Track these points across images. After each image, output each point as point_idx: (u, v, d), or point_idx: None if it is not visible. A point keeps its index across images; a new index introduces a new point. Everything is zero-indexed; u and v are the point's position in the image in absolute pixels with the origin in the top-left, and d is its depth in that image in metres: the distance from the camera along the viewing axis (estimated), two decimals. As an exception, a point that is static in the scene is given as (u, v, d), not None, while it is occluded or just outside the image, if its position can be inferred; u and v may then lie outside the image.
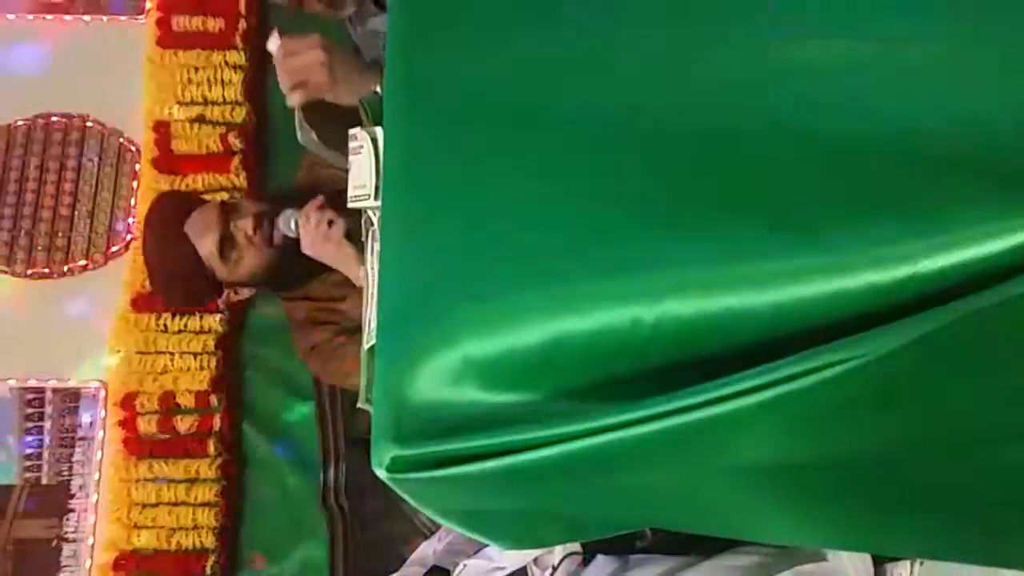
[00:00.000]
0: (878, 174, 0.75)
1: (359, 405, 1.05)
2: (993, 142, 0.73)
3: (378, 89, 1.09)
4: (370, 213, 1.07)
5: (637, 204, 0.77)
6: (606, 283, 0.75)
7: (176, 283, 1.73)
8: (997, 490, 0.80)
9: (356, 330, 1.59)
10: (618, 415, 0.72)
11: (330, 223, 1.53)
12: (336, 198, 1.66)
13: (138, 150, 2.34)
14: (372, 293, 1.02)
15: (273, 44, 1.34)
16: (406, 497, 0.84)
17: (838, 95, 0.79)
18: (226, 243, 1.62)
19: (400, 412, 0.77)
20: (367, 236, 1.10)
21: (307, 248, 1.55)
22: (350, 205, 1.07)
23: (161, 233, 1.70)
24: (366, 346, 1.00)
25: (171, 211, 1.71)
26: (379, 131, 1.02)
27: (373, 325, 0.89)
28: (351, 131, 1.07)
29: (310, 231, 1.53)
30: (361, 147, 1.05)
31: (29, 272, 2.30)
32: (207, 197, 2.16)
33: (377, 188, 1.01)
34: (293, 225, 1.58)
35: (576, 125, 0.83)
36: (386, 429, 0.77)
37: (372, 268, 1.03)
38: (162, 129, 2.27)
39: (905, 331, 0.68)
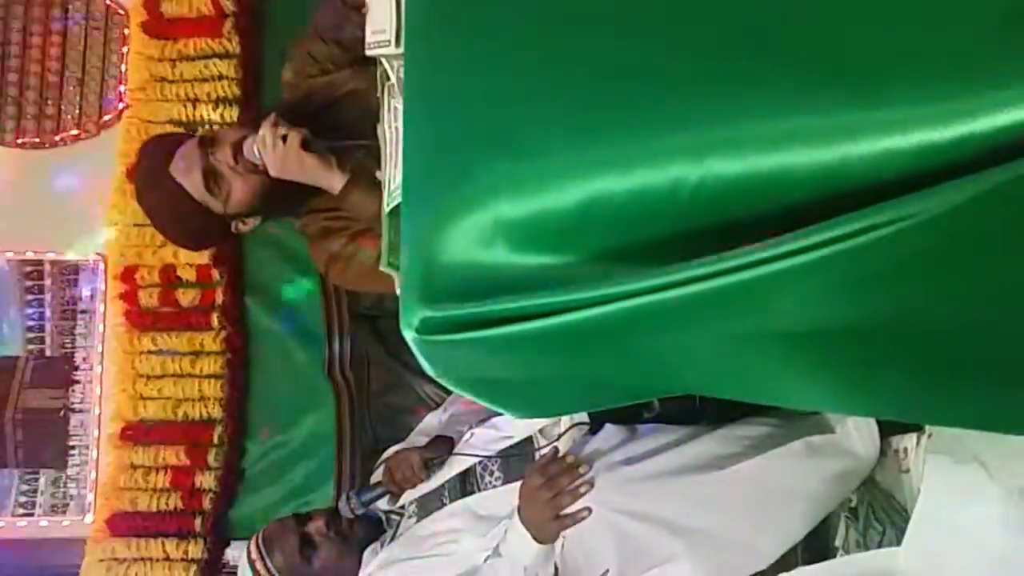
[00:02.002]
0: (937, 27, 0.70)
1: (380, 268, 1.03)
2: None
3: None
4: (386, 65, 1.00)
5: (682, 55, 0.73)
6: (647, 140, 0.71)
7: (179, 227, 1.65)
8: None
9: (369, 231, 1.55)
10: (656, 278, 0.70)
11: (284, 138, 1.45)
12: (307, 101, 1.59)
13: (126, 13, 2.23)
14: (391, 152, 0.98)
15: None
16: (425, 363, 0.83)
17: None
18: (210, 177, 1.54)
19: (430, 273, 0.74)
20: (382, 91, 1.04)
21: (272, 170, 1.47)
22: (368, 53, 0.99)
23: (150, 181, 1.62)
24: (387, 207, 0.97)
25: (155, 157, 1.61)
26: None
27: (396, 184, 0.85)
28: None
29: (268, 152, 1.46)
30: (379, -13, 0.97)
31: (20, 142, 2.23)
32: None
33: (398, 33, 0.93)
34: (256, 151, 1.50)
35: None
36: (416, 289, 0.74)
37: (390, 126, 0.98)
38: (151, -10, 2.16)
39: (958, 191, 0.65)
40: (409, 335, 0.75)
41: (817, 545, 1.56)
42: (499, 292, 0.73)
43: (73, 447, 2.20)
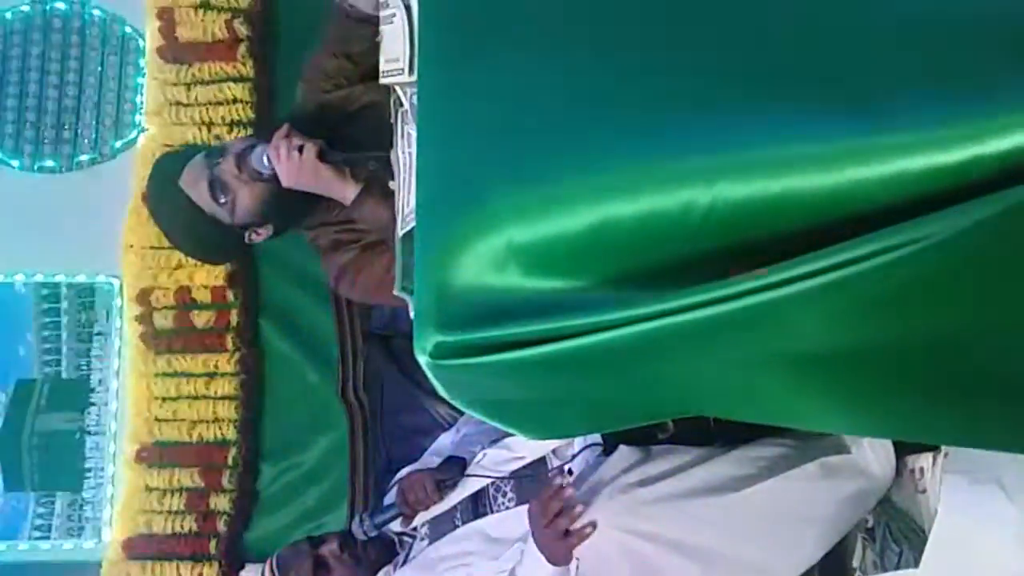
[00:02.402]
0: (942, 52, 0.71)
1: (394, 292, 1.03)
2: None
3: None
4: (400, 92, 1.01)
5: (692, 81, 0.73)
6: (658, 164, 0.71)
7: (194, 240, 1.68)
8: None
9: (380, 244, 1.56)
10: (667, 302, 0.70)
11: (300, 149, 1.46)
12: (322, 116, 1.60)
13: (143, 38, 2.26)
14: (405, 178, 0.98)
15: None
16: (439, 387, 0.83)
17: None
18: (215, 187, 1.55)
19: (443, 297, 0.75)
20: (396, 118, 1.05)
21: (286, 182, 1.49)
22: (382, 81, 1.01)
23: (161, 196, 1.65)
24: (401, 232, 0.97)
25: (166, 173, 1.65)
26: None
27: (409, 209, 0.86)
28: None
29: (283, 163, 1.47)
30: (394, 15, 0.97)
31: (37, 166, 2.26)
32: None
33: (411, 62, 0.94)
34: (266, 161, 1.51)
35: None
36: (429, 315, 0.75)
37: (403, 152, 0.99)
38: (166, 16, 2.18)
39: (965, 215, 0.66)
40: (423, 359, 0.75)
41: (834, 567, 1.54)
42: (511, 316, 0.73)
43: (89, 469, 2.21)
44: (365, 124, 1.57)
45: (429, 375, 0.80)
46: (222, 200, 1.56)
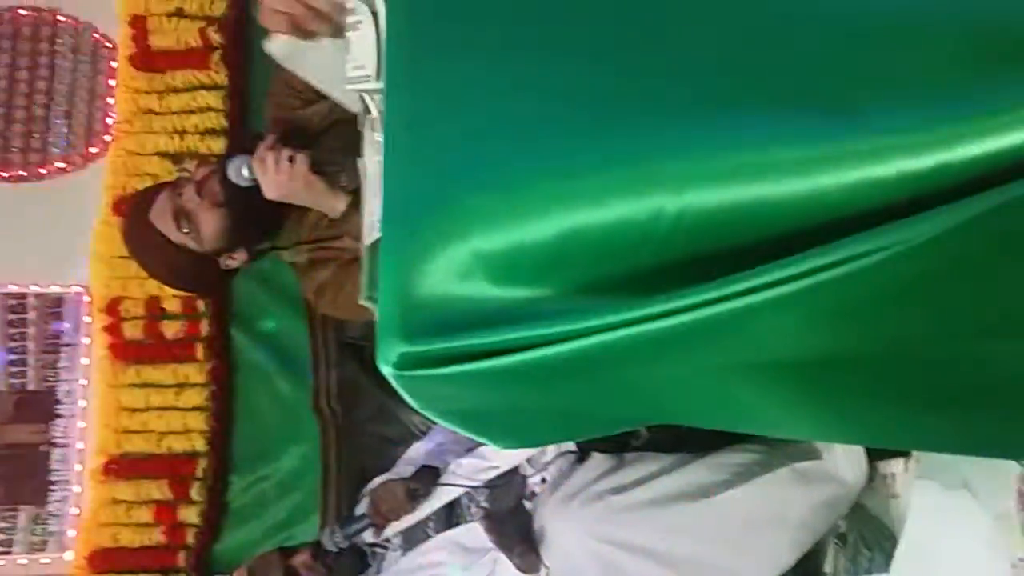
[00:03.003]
0: (914, 57, 0.71)
1: (359, 301, 1.02)
2: None
3: None
4: (367, 100, 1.00)
5: (662, 87, 0.73)
6: (626, 172, 0.71)
7: (175, 274, 1.69)
8: (1021, 382, 0.79)
9: (358, 261, 1.54)
10: (635, 310, 0.70)
11: (291, 159, 1.45)
12: (294, 133, 1.59)
13: (114, 46, 2.24)
14: (372, 185, 0.97)
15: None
16: (407, 397, 0.82)
17: None
18: (179, 217, 1.56)
19: (407, 308, 0.74)
20: (365, 125, 1.04)
21: (271, 193, 1.47)
22: (347, 88, 1.00)
23: (134, 232, 1.66)
24: (368, 241, 0.96)
25: (137, 208, 1.66)
26: (380, 3, 0.94)
27: (376, 218, 0.85)
28: (349, 4, 0.98)
29: (270, 174, 1.45)
30: (360, 22, 0.96)
31: (5, 175, 2.23)
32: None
33: (379, 68, 0.93)
34: (246, 172, 1.49)
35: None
36: (393, 325, 0.74)
37: (371, 160, 0.98)
38: (139, 23, 2.16)
39: (937, 221, 0.66)
40: (387, 371, 0.74)
41: (807, 572, 1.55)
42: (478, 326, 0.72)
43: (54, 482, 2.17)
44: (335, 142, 1.57)
45: (396, 386, 0.79)
46: (185, 229, 1.56)
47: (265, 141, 1.49)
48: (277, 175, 1.45)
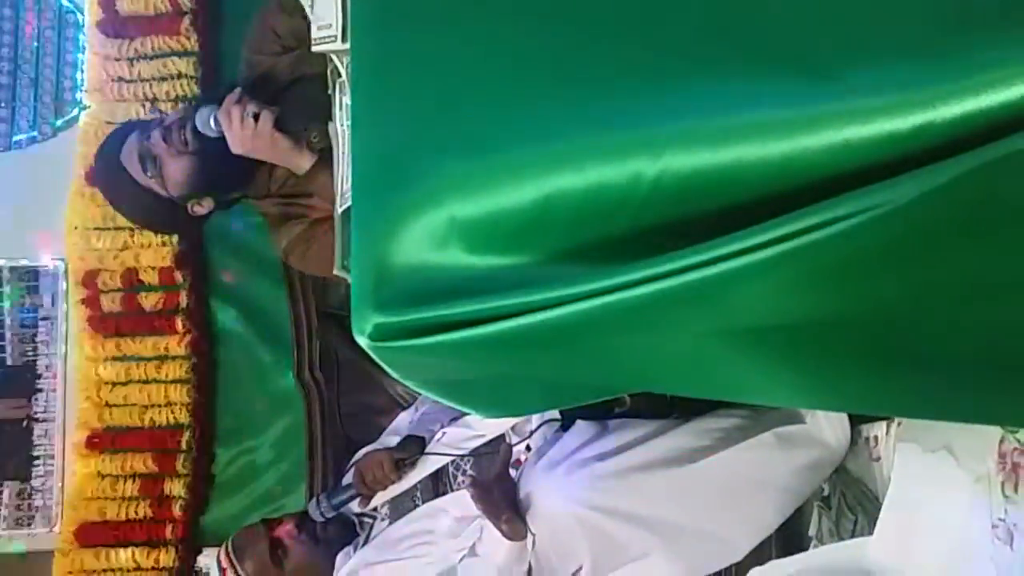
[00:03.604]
0: (896, 17, 0.69)
1: (334, 271, 1.00)
2: None
3: None
4: (336, 61, 0.97)
5: (636, 49, 0.71)
6: (604, 135, 0.69)
7: (140, 213, 1.71)
8: (1001, 347, 0.78)
9: (329, 218, 1.52)
10: (614, 277, 0.68)
11: (256, 116, 1.43)
12: (261, 83, 1.58)
13: (81, 11, 2.18)
14: (343, 152, 0.95)
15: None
16: (386, 367, 0.81)
17: None
18: (146, 160, 1.57)
19: (381, 277, 0.72)
20: (334, 88, 1.01)
21: (236, 147, 1.46)
22: (314, 49, 0.97)
23: (104, 172, 1.69)
24: (340, 209, 0.94)
25: (109, 148, 1.67)
26: None
27: (347, 186, 0.83)
28: None
29: (236, 130, 1.44)
30: (324, -20, 0.94)
31: (-27, 146, 2.18)
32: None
33: (345, 28, 0.91)
34: (213, 124, 1.48)
35: None
36: (367, 295, 0.72)
37: (342, 125, 0.95)
38: (106, -12, 2.11)
39: (919, 182, 0.64)
40: (363, 341, 0.73)
41: (791, 535, 1.56)
42: (454, 295, 0.71)
43: (38, 458, 2.15)
44: (312, 90, 1.54)
45: (373, 356, 0.78)
46: (149, 173, 1.56)
47: (231, 94, 1.48)
48: (242, 131, 1.44)
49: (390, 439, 1.85)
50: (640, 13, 0.74)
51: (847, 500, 1.48)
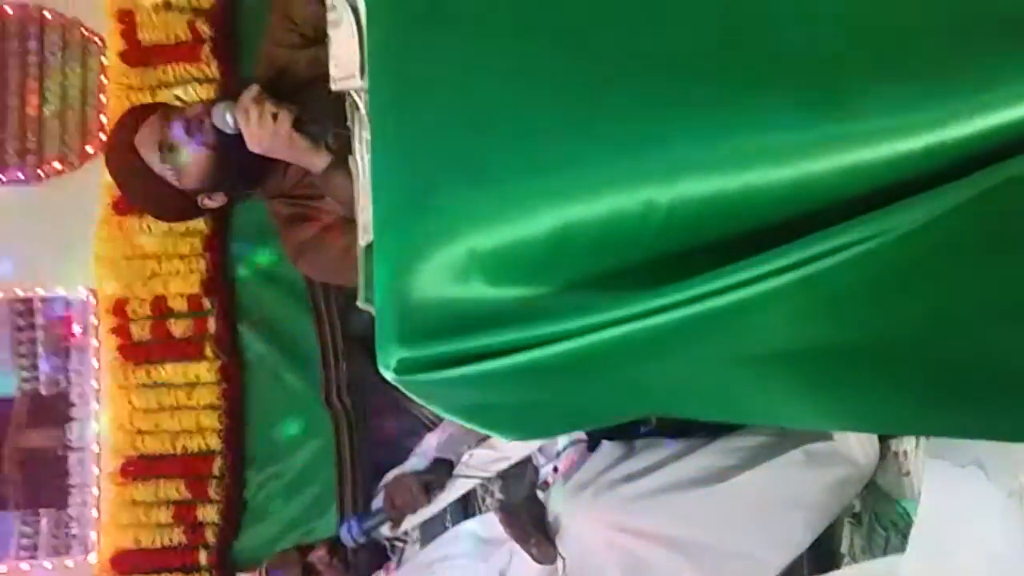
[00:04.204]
0: (902, 40, 0.69)
1: (359, 304, 1.01)
2: None
3: None
4: (355, 95, 0.98)
5: (647, 78, 0.71)
6: (617, 165, 0.70)
7: (149, 200, 1.66)
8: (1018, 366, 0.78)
9: (340, 223, 1.53)
10: (632, 306, 0.69)
11: (274, 116, 1.41)
12: (281, 79, 1.56)
13: (103, 42, 2.22)
14: (364, 184, 0.96)
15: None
16: (412, 396, 0.82)
17: None
18: (163, 150, 1.52)
19: (404, 312, 0.73)
20: (353, 121, 1.02)
21: (254, 146, 1.44)
22: (334, 87, 0.98)
23: (116, 153, 1.62)
24: (363, 243, 0.95)
25: (125, 129, 1.61)
26: (360, 1, 0.92)
27: (368, 219, 0.84)
28: (329, 2, 0.97)
29: (253, 127, 1.42)
30: (340, 20, 0.95)
31: (2, 179, 2.22)
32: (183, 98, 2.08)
33: (362, 66, 0.92)
34: (230, 120, 1.45)
35: None
36: (391, 330, 0.73)
37: (362, 157, 0.97)
38: (126, 19, 2.14)
39: (931, 204, 0.64)
40: (388, 375, 0.74)
41: (823, 553, 1.54)
42: (475, 328, 0.72)
43: (73, 486, 2.18)
44: (320, 96, 1.53)
45: (399, 387, 0.78)
46: (168, 165, 1.52)
47: (249, 91, 1.45)
48: (260, 130, 1.42)
49: (418, 462, 1.86)
50: (649, 43, 0.74)
51: (878, 517, 1.46)
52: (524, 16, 0.77)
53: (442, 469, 1.75)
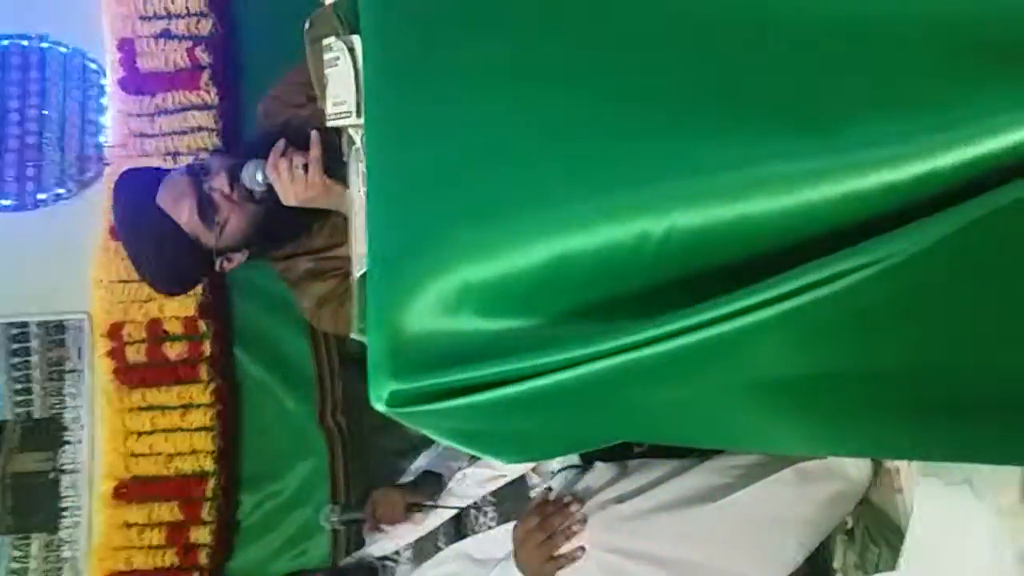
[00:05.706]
0: (894, 67, 0.70)
1: (351, 335, 1.02)
2: (1013, 26, 0.68)
3: None
4: (351, 132, 1.00)
5: (638, 110, 0.73)
6: (609, 197, 0.71)
7: (163, 263, 1.55)
8: (1016, 392, 0.79)
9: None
10: (626, 337, 0.69)
11: (305, 167, 1.39)
12: (295, 136, 1.50)
13: (102, 70, 2.24)
14: (359, 218, 0.98)
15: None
16: (406, 424, 0.83)
17: None
18: (205, 207, 1.47)
19: (396, 344, 0.74)
20: (350, 156, 1.04)
21: (289, 200, 1.41)
22: (329, 124, 1.00)
23: (133, 210, 1.53)
24: (356, 274, 0.97)
25: (139, 187, 1.53)
26: (356, 39, 0.95)
27: (362, 251, 0.86)
28: (325, 41, 0.98)
29: (285, 182, 1.40)
30: (337, 59, 0.96)
31: (3, 203, 2.24)
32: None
33: (359, 104, 0.94)
34: (260, 178, 1.43)
35: (573, 23, 0.78)
36: (383, 363, 0.74)
37: (359, 191, 0.98)
38: (126, 46, 2.17)
39: (924, 233, 0.65)
40: (380, 407, 0.75)
41: (816, 570, 1.55)
42: (469, 359, 0.72)
43: (65, 509, 2.18)
44: (334, 141, 1.52)
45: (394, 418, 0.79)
46: (214, 221, 1.48)
47: (275, 148, 1.43)
48: (293, 183, 1.40)
49: (408, 478, 1.87)
50: (640, 72, 0.75)
51: (871, 533, 1.47)
52: (517, 55, 0.78)
53: (430, 483, 1.75)
